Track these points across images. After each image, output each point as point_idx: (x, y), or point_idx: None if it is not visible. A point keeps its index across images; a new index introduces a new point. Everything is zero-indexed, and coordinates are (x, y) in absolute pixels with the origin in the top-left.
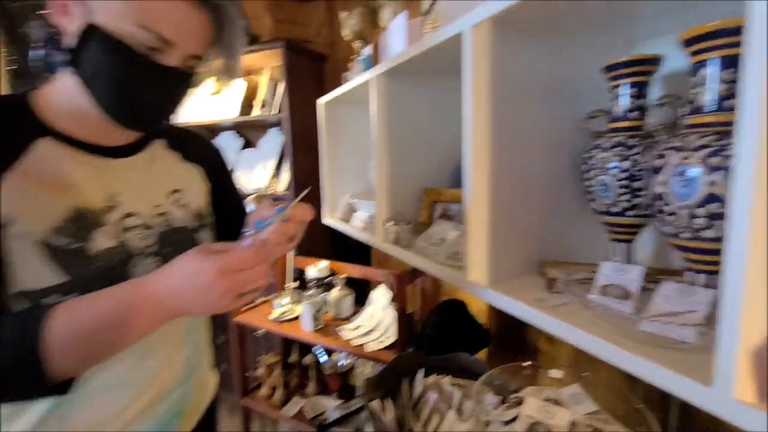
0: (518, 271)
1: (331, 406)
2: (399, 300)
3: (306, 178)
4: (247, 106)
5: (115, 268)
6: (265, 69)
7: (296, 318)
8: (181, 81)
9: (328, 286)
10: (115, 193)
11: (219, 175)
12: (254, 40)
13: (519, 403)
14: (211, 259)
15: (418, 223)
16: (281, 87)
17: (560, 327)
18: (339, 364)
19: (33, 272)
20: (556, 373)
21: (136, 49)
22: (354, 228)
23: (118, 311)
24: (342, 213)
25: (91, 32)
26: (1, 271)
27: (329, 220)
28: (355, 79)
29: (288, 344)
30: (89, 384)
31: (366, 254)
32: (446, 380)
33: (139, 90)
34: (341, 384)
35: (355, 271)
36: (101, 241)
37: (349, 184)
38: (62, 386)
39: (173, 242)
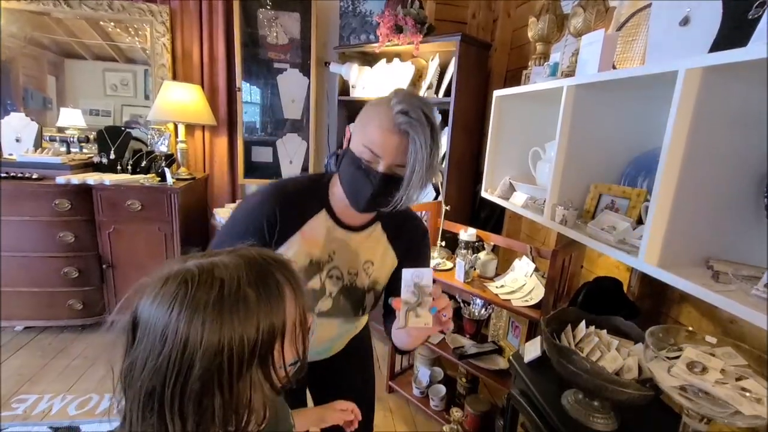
0: (685, 263)
1: (467, 344)
2: (552, 270)
3: (460, 155)
4: (411, 86)
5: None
6: (434, 54)
7: (448, 270)
8: (387, 181)
9: (475, 249)
10: (333, 251)
11: (413, 253)
12: (431, 30)
13: (680, 350)
14: None
15: (583, 211)
16: (448, 72)
17: (725, 302)
18: (476, 313)
19: None
20: (710, 339)
21: (361, 159)
22: (514, 205)
23: None
24: (501, 191)
25: (346, 153)
26: None
27: (487, 195)
28: (543, 83)
29: None
30: None
31: (497, 228)
32: (603, 332)
33: (359, 181)
34: (476, 330)
35: (500, 240)
36: (315, 282)
37: (509, 167)
38: None
39: (347, 294)
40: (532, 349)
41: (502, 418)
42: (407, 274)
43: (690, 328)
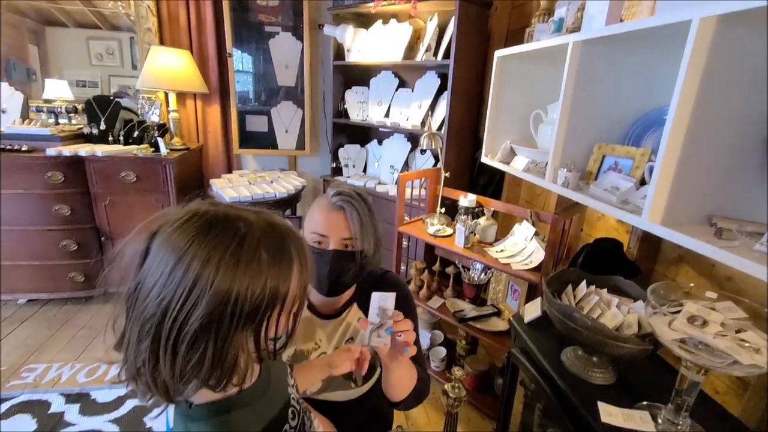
0: (688, 221)
1: (467, 308)
2: (552, 233)
3: (459, 121)
4: (409, 48)
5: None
6: (433, 14)
7: (447, 236)
8: (340, 256)
9: (475, 215)
10: (319, 339)
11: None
12: None
13: (680, 305)
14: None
15: (586, 173)
16: (447, 33)
17: (729, 257)
18: (476, 277)
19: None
20: (710, 294)
21: (313, 246)
22: (515, 169)
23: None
24: (502, 156)
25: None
26: None
27: (488, 160)
28: (547, 41)
29: (432, 256)
30: None
31: (495, 194)
32: (604, 291)
33: (319, 267)
34: (475, 294)
35: (500, 206)
36: None
37: (509, 131)
38: None
39: None
40: (532, 310)
41: (501, 376)
42: (375, 297)
43: (691, 285)
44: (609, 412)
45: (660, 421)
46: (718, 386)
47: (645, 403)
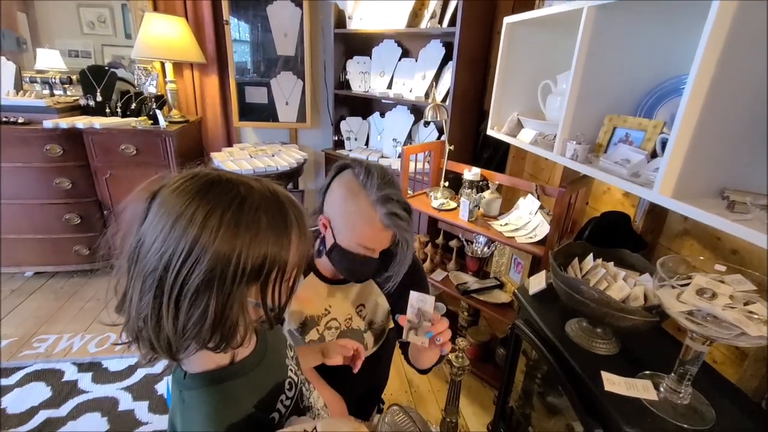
0: (699, 194)
1: (470, 280)
2: (558, 207)
3: (464, 92)
4: (413, 15)
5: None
6: None
7: (451, 209)
8: (383, 259)
9: (479, 189)
10: (329, 305)
11: (410, 287)
12: None
13: (689, 278)
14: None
15: (595, 145)
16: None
17: (741, 230)
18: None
19: None
20: (719, 267)
21: (356, 253)
22: (521, 142)
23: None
24: (508, 128)
25: (336, 247)
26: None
27: (494, 132)
28: (560, 5)
29: (435, 230)
30: None
31: (500, 168)
32: (610, 264)
33: (357, 268)
34: (478, 267)
35: (505, 179)
36: (312, 334)
37: (516, 103)
38: None
39: (345, 337)
40: (537, 283)
41: (504, 347)
42: (413, 296)
43: (701, 258)
44: (612, 381)
45: (662, 389)
46: (716, 356)
47: (647, 372)
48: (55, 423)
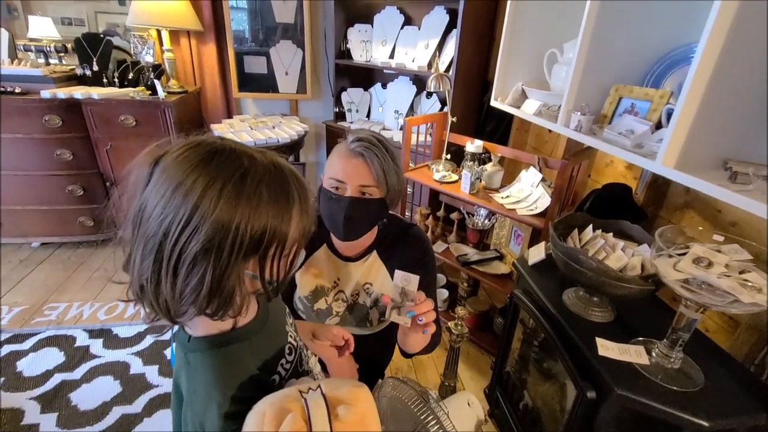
0: (702, 166)
1: (470, 252)
2: (560, 179)
3: (468, 62)
4: None
5: (318, 319)
6: None
7: (453, 182)
8: (357, 204)
9: (481, 161)
10: (337, 278)
11: (416, 270)
12: None
13: (686, 248)
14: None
15: (600, 116)
16: None
17: (743, 201)
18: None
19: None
20: (717, 237)
21: (330, 190)
22: (525, 113)
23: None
24: (512, 99)
25: (319, 191)
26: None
27: (497, 103)
28: None
29: (436, 202)
30: None
31: (502, 141)
32: (609, 235)
33: (333, 207)
34: (479, 239)
35: (508, 152)
36: (321, 303)
37: (521, 73)
38: None
39: (351, 311)
40: (536, 253)
41: (502, 316)
42: (398, 275)
43: (700, 228)
44: (606, 347)
45: (654, 354)
46: (709, 325)
47: (641, 339)
48: (69, 385)
